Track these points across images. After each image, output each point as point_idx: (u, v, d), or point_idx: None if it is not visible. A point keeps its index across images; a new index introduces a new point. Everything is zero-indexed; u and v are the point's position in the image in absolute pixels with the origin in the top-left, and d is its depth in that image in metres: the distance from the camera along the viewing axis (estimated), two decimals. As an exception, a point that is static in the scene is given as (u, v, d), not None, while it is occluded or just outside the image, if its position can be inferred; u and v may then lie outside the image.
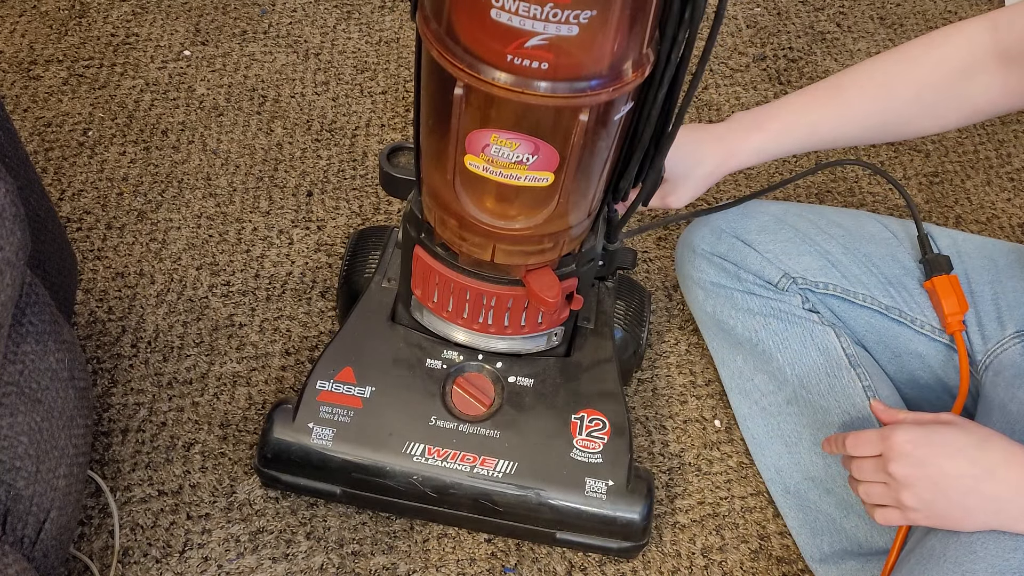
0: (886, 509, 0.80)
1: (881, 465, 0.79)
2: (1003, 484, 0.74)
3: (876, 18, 1.65)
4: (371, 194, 1.27)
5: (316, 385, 0.91)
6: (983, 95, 0.91)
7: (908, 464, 0.77)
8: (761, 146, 0.96)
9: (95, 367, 1.06)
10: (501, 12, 0.60)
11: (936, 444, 0.77)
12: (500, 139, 0.68)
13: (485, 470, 0.89)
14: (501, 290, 0.85)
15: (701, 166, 0.96)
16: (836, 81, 0.95)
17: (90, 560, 0.91)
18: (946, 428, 0.78)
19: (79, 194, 1.22)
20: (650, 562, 0.97)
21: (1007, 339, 0.94)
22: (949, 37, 0.91)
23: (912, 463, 0.77)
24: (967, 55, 0.90)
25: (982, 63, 0.89)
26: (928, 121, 0.94)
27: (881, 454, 0.79)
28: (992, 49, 0.89)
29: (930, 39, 0.92)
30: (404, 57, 1.47)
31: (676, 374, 1.14)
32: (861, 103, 0.94)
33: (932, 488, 0.76)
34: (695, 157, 0.95)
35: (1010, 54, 0.87)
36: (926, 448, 0.77)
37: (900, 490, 0.77)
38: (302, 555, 0.94)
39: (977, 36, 0.90)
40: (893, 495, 0.78)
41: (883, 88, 0.93)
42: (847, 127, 0.95)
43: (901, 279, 1.00)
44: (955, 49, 0.90)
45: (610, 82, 0.65)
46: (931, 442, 0.77)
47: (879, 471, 0.79)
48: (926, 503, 0.76)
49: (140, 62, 1.39)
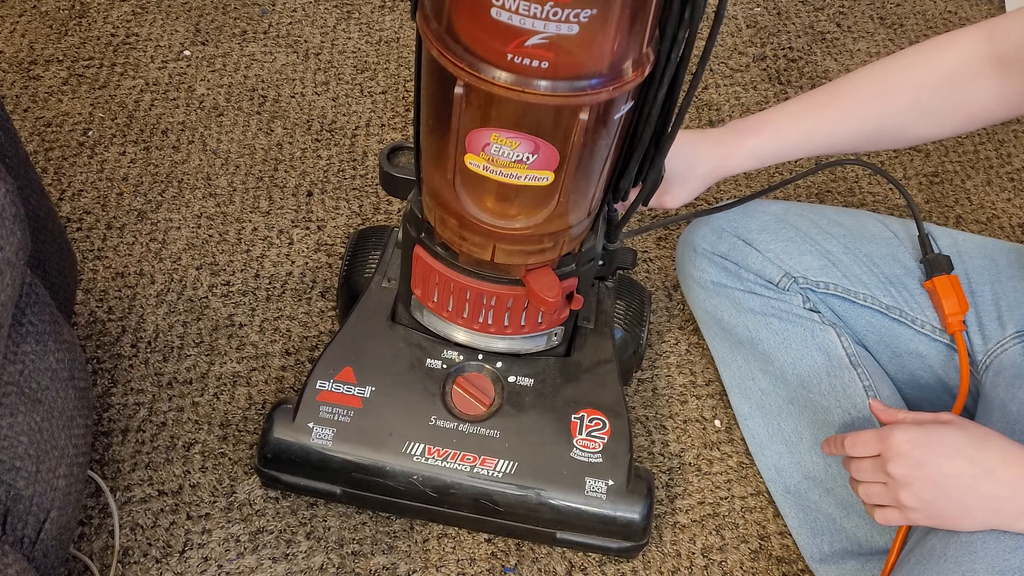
0: (886, 509, 0.80)
1: (880, 465, 0.79)
2: (1002, 483, 0.74)
3: (876, 18, 1.65)
4: (371, 194, 1.27)
5: (316, 385, 0.91)
6: (979, 101, 0.91)
7: (906, 464, 0.77)
8: (756, 151, 0.96)
9: (95, 367, 1.06)
10: (501, 11, 0.60)
11: (934, 444, 0.77)
12: (500, 138, 0.68)
13: (485, 470, 0.89)
14: (501, 290, 0.85)
15: (697, 167, 0.96)
16: (833, 88, 0.96)
17: (90, 560, 0.91)
18: (945, 428, 0.78)
19: (79, 194, 1.22)
20: (650, 562, 0.97)
21: (1007, 339, 0.94)
22: (945, 43, 0.92)
23: (911, 463, 0.77)
24: (964, 61, 0.90)
25: (978, 69, 0.89)
26: (924, 127, 0.94)
27: (880, 454, 0.79)
28: (988, 55, 0.89)
29: (926, 46, 0.93)
30: (404, 57, 1.47)
31: (676, 374, 1.13)
32: (857, 108, 0.94)
33: (931, 487, 0.76)
34: (692, 159, 0.96)
35: (1006, 60, 0.87)
36: (924, 448, 0.77)
37: (899, 490, 0.77)
38: (302, 555, 0.94)
39: (973, 43, 0.90)
40: (892, 495, 0.78)
41: (880, 94, 0.93)
42: (843, 132, 0.95)
43: (902, 279, 1.00)
44: (952, 55, 0.91)
45: (610, 81, 0.65)
46: (929, 442, 0.77)
47: (878, 471, 0.79)
48: (925, 503, 0.76)
49: (140, 62, 1.39)
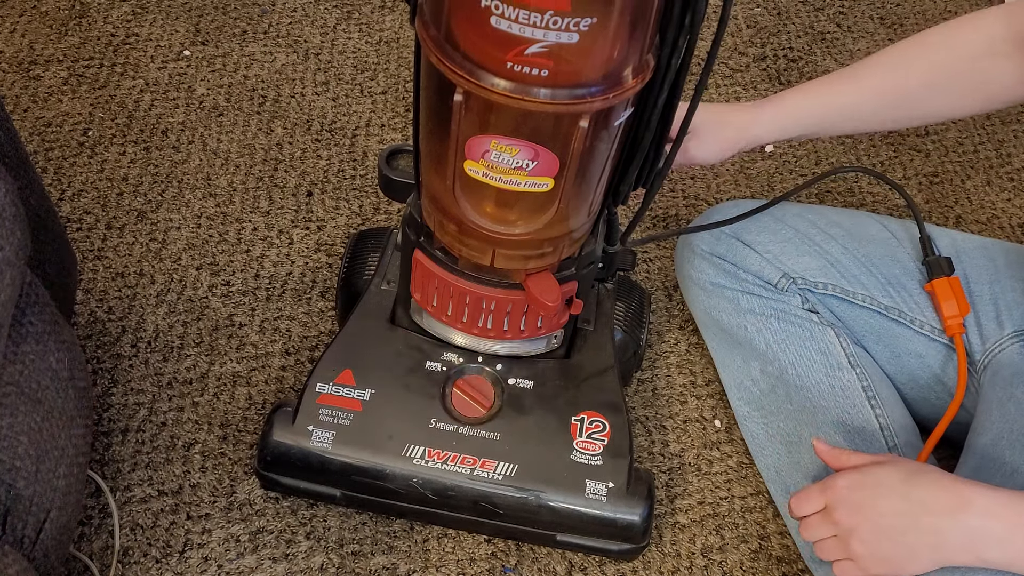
0: (843, 563, 0.79)
1: (827, 517, 0.79)
2: (938, 515, 0.73)
3: (876, 18, 1.65)
4: (371, 194, 1.27)
5: (316, 388, 0.91)
6: (998, 80, 0.92)
7: (849, 509, 0.77)
8: (778, 120, 0.99)
9: (95, 367, 1.06)
10: (501, 20, 0.60)
11: (869, 486, 0.77)
12: (500, 145, 0.68)
13: (485, 472, 0.89)
14: (501, 294, 0.85)
15: (725, 129, 0.99)
16: (854, 66, 0.99)
17: (90, 560, 0.92)
18: (879, 467, 0.78)
19: (79, 194, 1.22)
20: (650, 562, 0.97)
21: (1005, 339, 0.94)
22: (967, 24, 0.94)
23: (852, 507, 0.77)
24: (983, 40, 0.92)
25: (998, 49, 0.91)
26: (942, 103, 0.96)
27: (825, 506, 0.79)
28: (1008, 36, 0.90)
29: (946, 26, 0.95)
30: (404, 57, 1.47)
31: (676, 374, 1.14)
32: (877, 83, 0.97)
33: (874, 530, 0.76)
34: (722, 119, 0.99)
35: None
36: (861, 491, 0.77)
37: (848, 539, 0.77)
38: (302, 555, 0.94)
39: (993, 23, 0.92)
40: (844, 546, 0.78)
41: (898, 68, 0.95)
42: (863, 105, 0.98)
43: (901, 279, 1.00)
44: (972, 35, 0.93)
45: (610, 88, 0.65)
46: (864, 484, 0.77)
47: (826, 523, 0.79)
48: (872, 547, 0.76)
49: (140, 62, 1.39)
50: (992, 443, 0.87)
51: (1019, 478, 0.82)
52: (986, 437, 0.88)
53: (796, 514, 0.82)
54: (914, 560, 0.75)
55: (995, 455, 0.86)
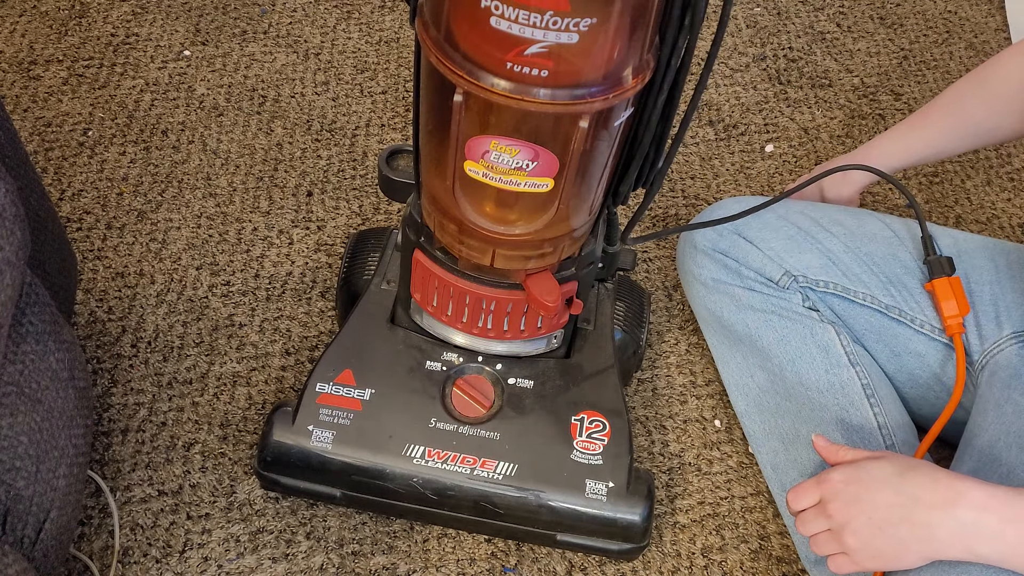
0: (837, 557, 0.80)
1: (821, 511, 0.80)
2: (930, 508, 0.74)
3: (876, 18, 1.65)
4: (371, 194, 1.27)
5: (316, 387, 0.91)
6: None
7: (842, 502, 0.78)
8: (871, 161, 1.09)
9: (95, 367, 1.06)
10: (501, 20, 0.60)
11: (863, 480, 0.78)
12: (500, 145, 0.68)
13: (485, 472, 0.89)
14: (501, 294, 0.85)
15: None
16: (923, 110, 1.09)
17: (90, 560, 0.92)
18: (874, 462, 0.79)
19: (79, 194, 1.22)
20: (650, 562, 0.97)
21: (1004, 340, 0.94)
22: (1012, 57, 1.01)
23: (846, 500, 0.78)
24: None
25: None
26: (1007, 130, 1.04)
27: (820, 500, 0.80)
28: None
29: (995, 60, 1.03)
30: (404, 57, 1.47)
31: (676, 374, 1.14)
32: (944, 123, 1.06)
33: (868, 524, 0.76)
34: None
35: None
36: (855, 484, 0.78)
37: (842, 532, 0.78)
38: (302, 555, 0.94)
39: None
40: (837, 540, 0.79)
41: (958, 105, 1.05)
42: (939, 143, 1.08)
43: (902, 278, 1.00)
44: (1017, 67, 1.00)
45: (610, 89, 0.65)
46: (859, 478, 0.78)
47: (820, 518, 0.80)
48: (865, 541, 0.77)
49: (140, 62, 1.39)
50: (989, 444, 0.87)
51: (1016, 479, 0.83)
52: (983, 438, 0.89)
53: (792, 508, 0.83)
54: (906, 555, 0.75)
55: (992, 456, 0.86)
